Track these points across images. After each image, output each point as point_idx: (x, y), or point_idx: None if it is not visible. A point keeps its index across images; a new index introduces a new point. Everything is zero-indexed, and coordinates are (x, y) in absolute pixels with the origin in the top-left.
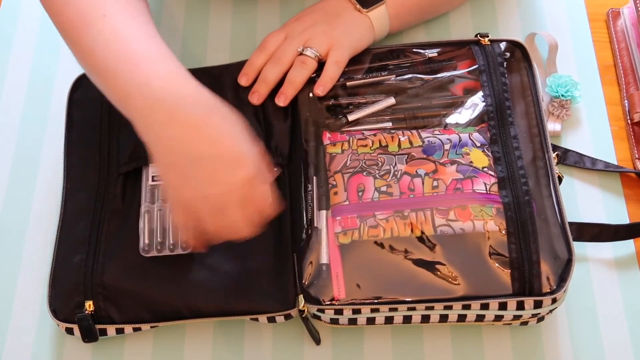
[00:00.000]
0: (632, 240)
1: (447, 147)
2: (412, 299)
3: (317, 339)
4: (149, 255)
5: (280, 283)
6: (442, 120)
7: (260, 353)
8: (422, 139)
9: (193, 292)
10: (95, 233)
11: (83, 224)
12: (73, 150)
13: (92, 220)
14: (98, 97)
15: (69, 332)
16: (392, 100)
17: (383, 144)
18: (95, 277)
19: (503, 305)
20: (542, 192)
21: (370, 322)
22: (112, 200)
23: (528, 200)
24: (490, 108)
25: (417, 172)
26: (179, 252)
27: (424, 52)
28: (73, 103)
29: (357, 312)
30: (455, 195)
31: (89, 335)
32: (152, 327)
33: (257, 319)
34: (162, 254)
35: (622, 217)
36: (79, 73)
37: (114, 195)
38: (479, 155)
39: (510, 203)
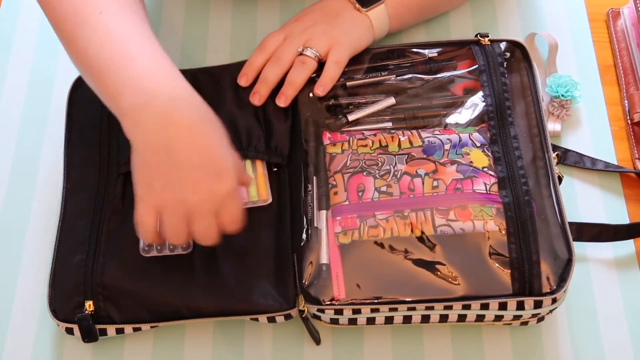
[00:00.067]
0: (632, 240)
1: (447, 147)
2: (412, 299)
3: (317, 339)
4: (149, 256)
5: (280, 283)
6: (442, 120)
7: (260, 353)
8: (422, 139)
9: (193, 292)
10: (95, 233)
11: (83, 224)
12: (73, 150)
13: (92, 220)
14: (98, 97)
15: (69, 332)
16: (392, 100)
17: (383, 144)
18: (95, 277)
19: (503, 305)
20: (542, 192)
21: (370, 322)
22: (112, 200)
23: (528, 200)
24: (490, 108)
25: (417, 172)
26: (179, 252)
27: (424, 52)
28: (73, 103)
29: (357, 312)
30: (455, 195)
31: (89, 335)
32: (152, 327)
33: (257, 319)
34: (162, 254)
35: (622, 217)
36: (79, 73)
37: (114, 195)
38: (479, 155)
39: (510, 203)
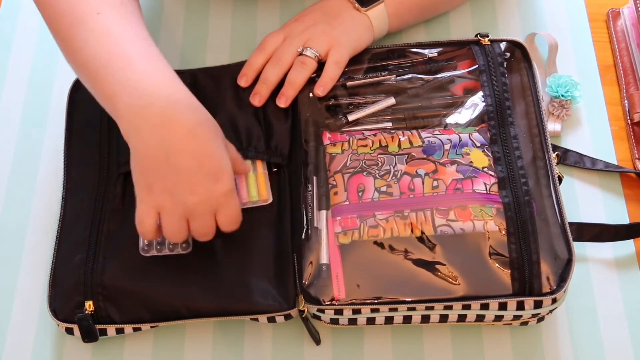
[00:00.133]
0: (632, 240)
1: (447, 147)
2: (412, 299)
3: (317, 339)
4: (149, 255)
5: (280, 283)
6: (442, 120)
7: (260, 353)
8: (422, 139)
9: (193, 292)
10: (95, 233)
11: (83, 224)
12: (73, 150)
13: (92, 220)
14: None
15: (69, 332)
16: (392, 100)
17: (383, 144)
18: (95, 277)
19: (503, 305)
20: (542, 192)
21: (370, 322)
22: (112, 200)
23: (528, 200)
24: (490, 108)
25: (417, 172)
26: (179, 251)
27: (424, 52)
28: (73, 103)
29: (357, 312)
30: (455, 195)
31: (89, 335)
32: (152, 327)
33: (257, 319)
34: (161, 254)
35: (622, 217)
36: None
37: (114, 195)
38: (479, 155)
39: (510, 203)
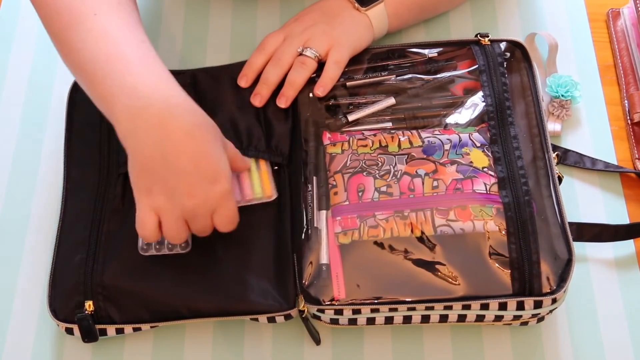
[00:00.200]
0: (632, 240)
1: (447, 147)
2: (412, 299)
3: (317, 339)
4: (148, 254)
5: (280, 283)
6: (442, 120)
7: (260, 353)
8: (422, 139)
9: (193, 292)
10: (95, 233)
11: (83, 224)
12: (73, 151)
13: (92, 220)
14: None
15: (69, 332)
16: (392, 100)
17: (383, 144)
18: (95, 277)
19: (503, 306)
20: (542, 192)
21: (370, 322)
22: (112, 200)
23: (528, 201)
24: (490, 108)
25: (417, 172)
26: (178, 251)
27: (424, 52)
28: (73, 103)
29: (357, 312)
30: (455, 196)
31: (89, 335)
32: (152, 327)
33: (257, 319)
34: (160, 253)
35: (622, 217)
36: None
37: (114, 195)
38: (479, 155)
39: (510, 203)
